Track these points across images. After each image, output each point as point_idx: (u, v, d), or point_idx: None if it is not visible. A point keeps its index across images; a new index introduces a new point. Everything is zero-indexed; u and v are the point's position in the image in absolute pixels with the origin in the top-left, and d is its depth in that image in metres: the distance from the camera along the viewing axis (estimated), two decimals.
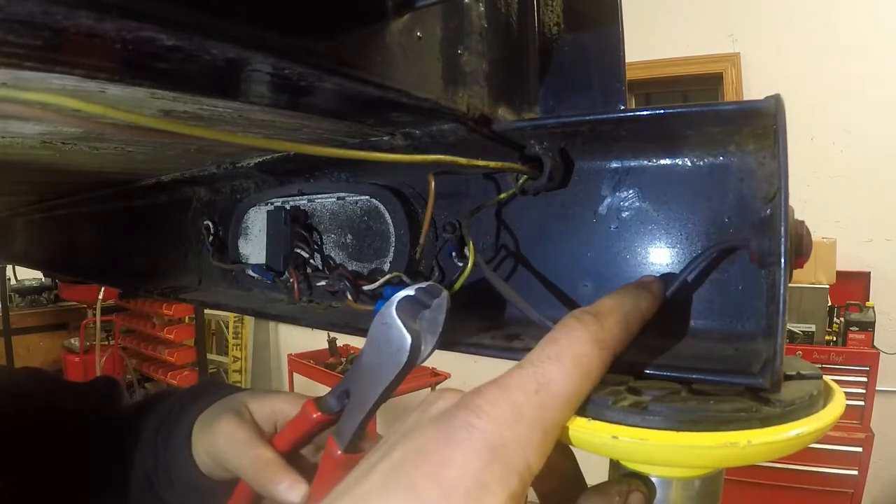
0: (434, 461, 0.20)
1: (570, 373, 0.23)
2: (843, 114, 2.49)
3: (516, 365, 0.23)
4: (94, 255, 0.98)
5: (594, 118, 0.33)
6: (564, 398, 0.23)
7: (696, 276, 0.34)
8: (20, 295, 4.25)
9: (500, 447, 0.20)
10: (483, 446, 0.20)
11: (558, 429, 0.23)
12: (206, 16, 0.19)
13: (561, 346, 0.24)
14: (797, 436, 0.27)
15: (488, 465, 0.20)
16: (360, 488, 0.20)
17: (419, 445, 0.21)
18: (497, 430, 0.21)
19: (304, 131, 0.39)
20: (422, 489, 0.19)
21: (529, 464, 0.21)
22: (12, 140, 0.39)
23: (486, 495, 0.19)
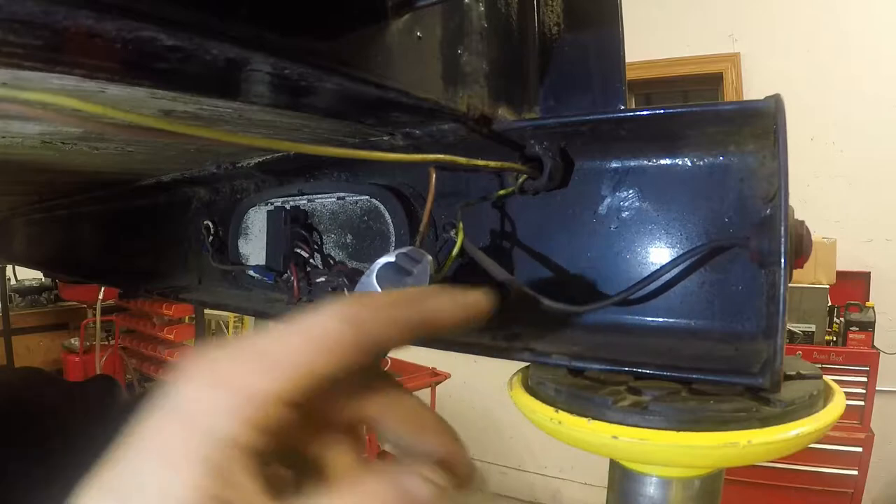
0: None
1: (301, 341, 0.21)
2: (843, 114, 2.49)
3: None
4: (94, 255, 0.98)
5: (594, 118, 0.33)
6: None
7: (696, 276, 0.34)
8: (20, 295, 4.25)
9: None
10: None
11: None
12: (206, 16, 0.19)
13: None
14: (797, 436, 0.27)
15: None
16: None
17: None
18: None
19: (304, 131, 0.39)
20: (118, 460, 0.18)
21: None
22: (13, 140, 0.39)
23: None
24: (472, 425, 3.50)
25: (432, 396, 3.19)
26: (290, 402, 0.19)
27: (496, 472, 3.47)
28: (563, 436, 0.30)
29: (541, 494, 3.34)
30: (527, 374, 0.36)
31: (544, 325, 0.39)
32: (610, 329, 0.36)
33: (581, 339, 0.36)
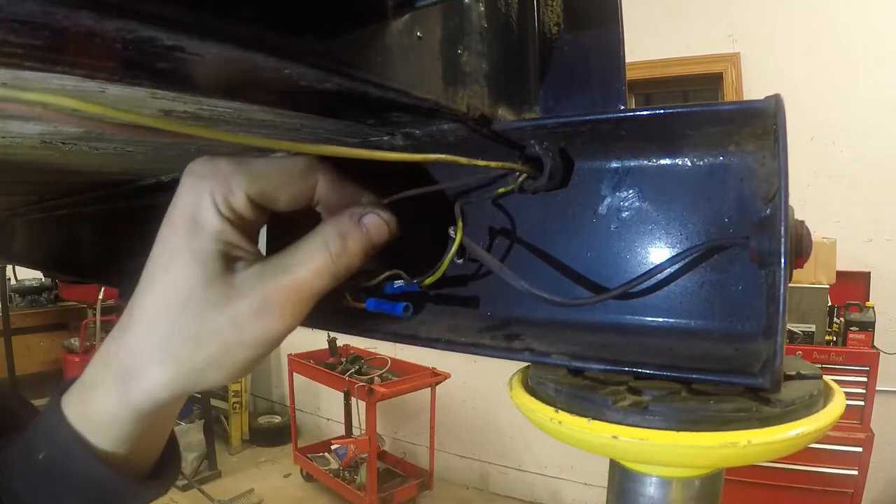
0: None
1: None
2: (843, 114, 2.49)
3: None
4: (94, 255, 0.98)
5: (594, 118, 0.33)
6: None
7: (696, 276, 0.34)
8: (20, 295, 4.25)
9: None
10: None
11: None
12: (206, 16, 0.19)
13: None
14: (797, 436, 0.27)
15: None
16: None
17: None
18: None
19: (304, 131, 0.39)
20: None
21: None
22: (12, 140, 0.39)
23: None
24: (472, 425, 3.51)
25: (432, 396, 3.19)
26: (252, 197, 0.29)
27: (496, 472, 3.48)
28: (563, 436, 0.30)
29: (541, 494, 3.34)
30: (527, 374, 0.36)
31: (544, 325, 0.39)
32: (610, 329, 0.36)
33: (581, 339, 0.36)
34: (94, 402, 0.30)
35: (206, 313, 0.28)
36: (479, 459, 3.52)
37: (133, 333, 0.29)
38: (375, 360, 3.39)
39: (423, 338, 0.41)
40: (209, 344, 0.28)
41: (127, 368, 0.29)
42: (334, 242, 0.30)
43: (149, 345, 0.29)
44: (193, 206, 0.29)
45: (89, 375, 0.31)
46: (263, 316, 0.29)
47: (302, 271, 0.29)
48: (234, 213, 0.29)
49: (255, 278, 0.29)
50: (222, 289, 0.28)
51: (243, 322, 0.28)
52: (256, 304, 0.28)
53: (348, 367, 3.32)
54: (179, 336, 0.28)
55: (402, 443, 3.73)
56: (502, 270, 0.36)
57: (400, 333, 0.42)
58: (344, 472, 3.24)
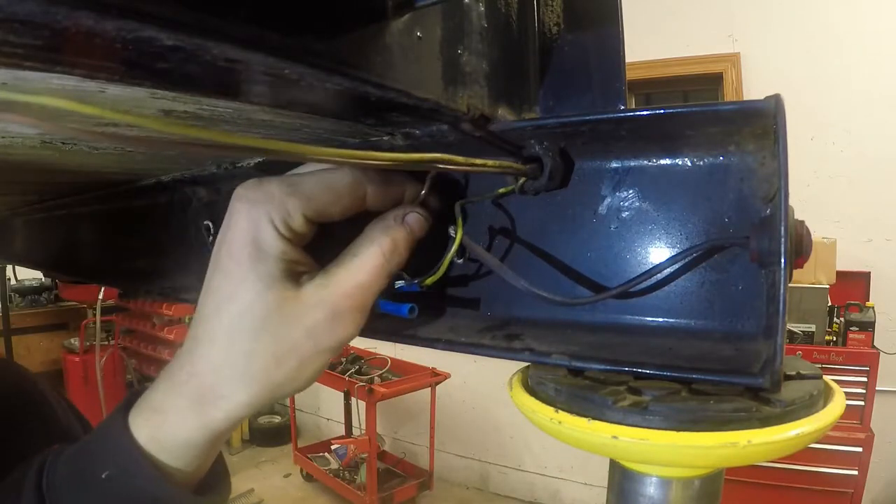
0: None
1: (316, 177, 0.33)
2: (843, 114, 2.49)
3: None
4: (94, 255, 0.98)
5: (594, 118, 0.33)
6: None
7: (696, 276, 0.34)
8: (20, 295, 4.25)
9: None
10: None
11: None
12: (206, 16, 0.19)
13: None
14: (797, 436, 0.27)
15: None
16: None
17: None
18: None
19: (304, 131, 0.39)
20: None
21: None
22: (12, 140, 0.39)
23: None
24: (472, 425, 3.51)
25: (432, 396, 3.19)
26: (309, 218, 0.31)
27: (496, 472, 3.47)
28: (563, 436, 0.30)
29: (541, 494, 3.34)
30: (527, 374, 0.36)
31: (544, 325, 0.39)
32: (610, 329, 0.36)
33: (581, 339, 0.36)
34: (167, 426, 0.31)
35: (283, 331, 0.29)
36: (479, 459, 3.52)
37: (207, 360, 0.30)
38: (375, 360, 3.39)
39: (423, 338, 0.41)
40: (289, 359, 0.30)
41: (204, 393, 0.30)
42: (386, 245, 0.33)
43: (228, 369, 0.30)
44: (253, 231, 0.30)
45: (159, 400, 0.32)
46: (336, 322, 0.31)
47: (362, 275, 0.32)
48: (293, 234, 0.31)
49: (321, 289, 0.31)
50: (294, 306, 0.30)
51: (320, 332, 0.30)
52: (329, 312, 0.30)
53: (348, 367, 3.32)
54: (259, 357, 0.29)
55: (402, 443, 3.73)
56: (502, 270, 0.36)
57: (400, 333, 0.42)
58: (344, 472, 3.24)
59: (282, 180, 0.31)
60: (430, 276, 0.39)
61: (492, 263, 0.38)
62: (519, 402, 0.34)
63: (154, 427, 0.31)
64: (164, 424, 0.31)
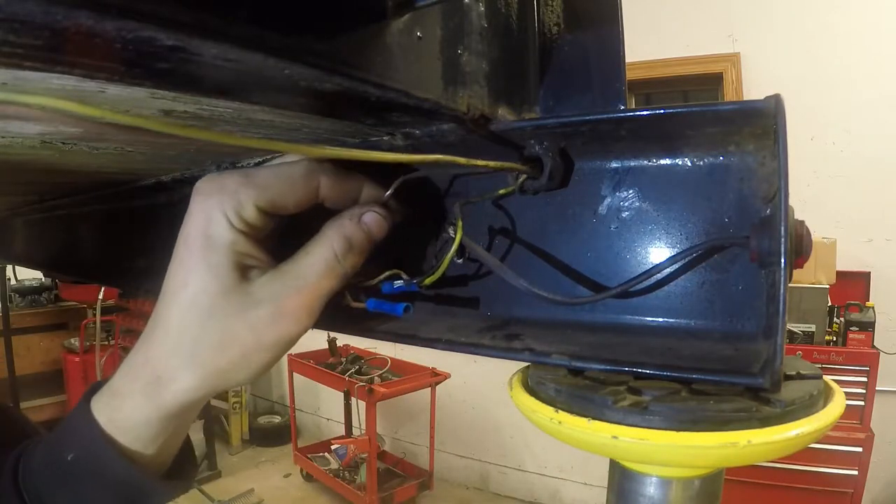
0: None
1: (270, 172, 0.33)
2: (843, 114, 2.49)
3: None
4: (94, 255, 0.98)
5: (594, 118, 0.33)
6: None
7: (696, 276, 0.34)
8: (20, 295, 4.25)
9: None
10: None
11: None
12: (206, 16, 0.19)
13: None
14: (797, 436, 0.27)
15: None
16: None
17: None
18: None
19: (304, 131, 0.39)
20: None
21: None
22: (12, 140, 0.39)
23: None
24: (472, 425, 3.51)
25: (432, 396, 3.19)
26: (261, 209, 0.31)
27: (496, 472, 3.47)
28: (563, 436, 0.30)
29: (541, 494, 3.34)
30: (527, 374, 0.36)
31: (544, 325, 0.39)
32: (610, 329, 0.36)
33: (581, 339, 0.36)
34: (124, 409, 0.33)
35: (227, 322, 0.30)
36: (479, 459, 3.52)
37: (160, 344, 0.32)
38: (375, 360, 3.39)
39: (423, 338, 0.41)
40: (231, 349, 0.31)
41: (157, 376, 0.32)
42: (339, 244, 0.33)
43: (177, 353, 0.31)
44: (206, 222, 0.31)
45: (118, 384, 0.33)
46: (279, 321, 0.31)
47: (312, 276, 0.32)
48: (245, 225, 0.31)
49: (268, 286, 0.31)
50: (240, 298, 0.30)
51: (261, 328, 0.30)
52: (272, 310, 0.31)
53: (348, 367, 3.32)
54: (205, 344, 0.31)
55: (402, 443, 3.73)
56: (502, 270, 0.36)
57: (400, 333, 0.42)
58: (344, 472, 3.24)
59: (238, 172, 0.32)
60: (430, 276, 0.39)
61: (491, 263, 0.38)
62: (519, 402, 0.34)
63: (113, 409, 0.33)
64: (122, 407, 0.33)
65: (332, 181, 0.33)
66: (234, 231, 0.31)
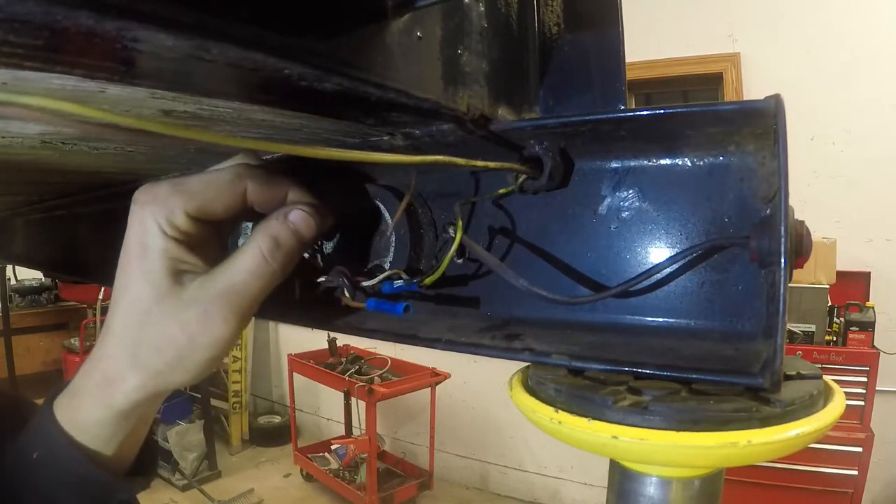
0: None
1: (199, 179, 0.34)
2: (843, 114, 2.49)
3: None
4: (94, 255, 0.98)
5: (594, 118, 0.33)
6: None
7: (696, 276, 0.34)
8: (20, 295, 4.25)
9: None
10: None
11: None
12: (206, 16, 0.19)
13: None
14: (797, 436, 0.27)
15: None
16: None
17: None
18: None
19: (304, 131, 0.39)
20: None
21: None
22: (12, 140, 0.39)
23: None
24: (472, 425, 3.51)
25: (432, 396, 3.19)
26: (190, 214, 0.32)
27: (496, 472, 3.47)
28: (563, 436, 0.30)
29: (541, 494, 3.34)
30: (527, 374, 0.36)
31: (544, 325, 0.39)
32: (610, 329, 0.36)
33: (581, 339, 0.36)
34: (82, 408, 0.34)
35: (162, 325, 0.32)
36: (479, 459, 3.52)
37: (108, 346, 0.33)
38: (375, 360, 3.38)
39: (423, 338, 0.41)
40: (168, 351, 0.32)
41: (106, 377, 0.33)
42: (265, 243, 0.34)
43: (122, 356, 0.33)
44: (140, 231, 0.33)
45: (76, 385, 0.35)
46: (209, 322, 0.32)
47: (238, 276, 0.33)
48: (177, 231, 0.32)
49: (198, 289, 0.33)
50: (172, 302, 0.32)
51: (193, 329, 0.32)
52: (201, 312, 0.32)
53: (348, 367, 3.32)
54: (144, 346, 0.32)
55: (402, 443, 3.73)
56: (502, 269, 0.36)
57: (400, 333, 0.42)
58: (344, 472, 3.24)
59: (169, 181, 0.33)
60: (430, 275, 0.39)
61: (491, 263, 0.38)
62: (519, 402, 0.34)
63: (73, 409, 0.35)
64: (79, 407, 0.34)
65: (259, 185, 0.34)
66: (167, 238, 0.32)
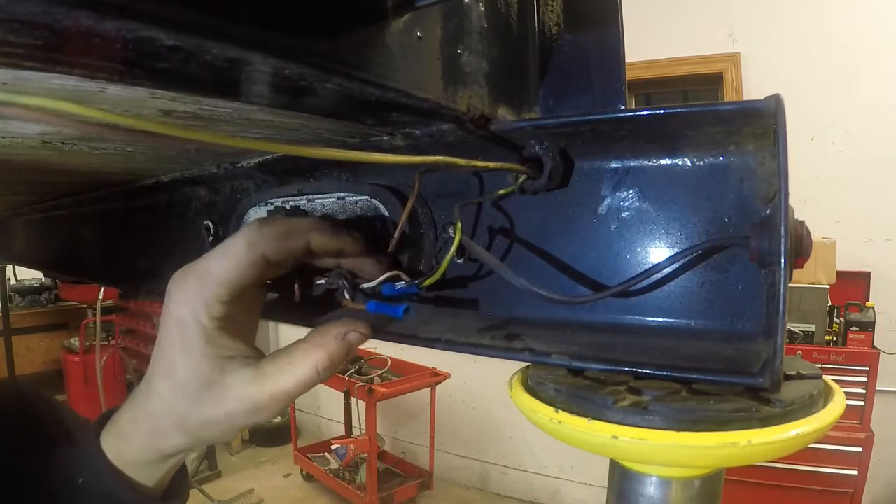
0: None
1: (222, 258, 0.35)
2: (843, 114, 2.49)
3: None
4: (94, 255, 0.98)
5: (594, 118, 0.33)
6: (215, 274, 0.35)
7: (696, 276, 0.34)
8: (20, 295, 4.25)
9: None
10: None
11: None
12: (206, 16, 0.19)
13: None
14: (797, 436, 0.27)
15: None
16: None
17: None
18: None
19: (304, 131, 0.38)
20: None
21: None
22: (12, 140, 0.39)
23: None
24: (472, 425, 3.50)
25: (432, 396, 3.19)
26: (224, 301, 0.35)
27: (496, 472, 3.47)
28: (563, 436, 0.30)
29: (541, 494, 3.34)
30: (527, 374, 0.36)
31: (544, 325, 0.39)
32: (610, 329, 0.36)
33: (581, 339, 0.36)
34: (129, 449, 0.38)
35: (209, 410, 0.35)
36: (479, 459, 3.52)
37: (157, 406, 0.37)
38: (375, 360, 3.38)
39: (423, 338, 0.41)
40: (213, 427, 0.36)
41: (154, 431, 0.37)
42: (322, 361, 0.36)
43: (168, 421, 0.36)
44: (180, 326, 0.35)
45: (123, 429, 0.39)
46: (253, 414, 0.35)
47: (291, 385, 0.35)
48: (215, 321, 0.35)
49: (247, 385, 0.35)
50: (219, 391, 0.34)
51: (237, 417, 0.35)
52: (249, 406, 0.35)
53: (348, 366, 3.32)
54: (190, 421, 0.36)
55: (402, 443, 3.73)
56: (501, 268, 0.36)
57: (400, 333, 0.42)
58: (344, 472, 3.24)
59: (195, 273, 0.35)
60: (430, 276, 0.39)
61: (491, 262, 0.38)
62: (519, 402, 0.34)
63: (119, 448, 0.39)
64: (126, 447, 0.38)
65: (276, 245, 0.36)
66: (208, 331, 0.35)
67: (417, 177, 0.37)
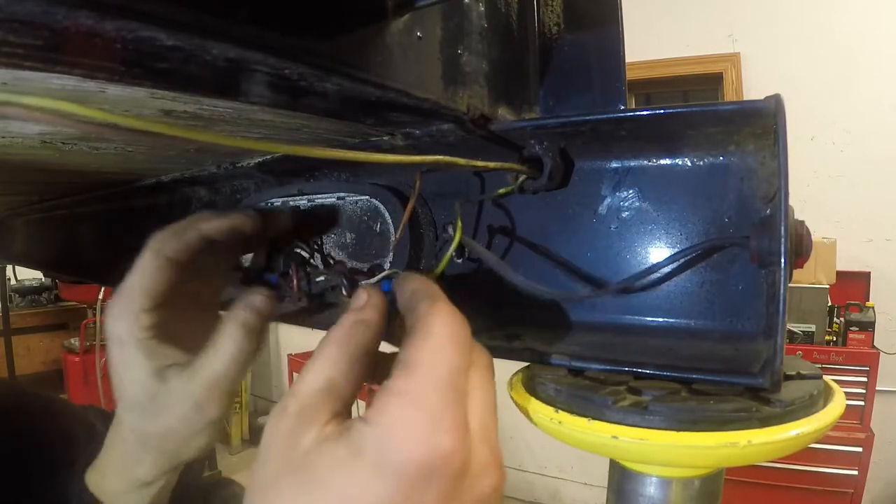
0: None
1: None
2: (843, 114, 2.49)
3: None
4: (94, 255, 0.98)
5: (594, 118, 0.33)
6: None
7: (696, 276, 0.34)
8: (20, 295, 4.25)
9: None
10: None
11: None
12: (206, 16, 0.19)
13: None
14: (797, 436, 0.27)
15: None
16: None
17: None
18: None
19: (304, 131, 0.39)
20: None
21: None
22: (12, 140, 0.39)
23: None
24: None
25: None
26: (148, 309, 0.36)
27: None
28: (563, 436, 0.30)
29: (541, 494, 3.34)
30: (527, 374, 0.36)
31: (544, 325, 0.39)
32: (610, 329, 0.36)
33: (581, 339, 0.36)
34: (108, 484, 0.40)
35: (160, 419, 0.36)
36: None
37: (121, 432, 0.38)
38: None
39: None
40: (172, 438, 0.37)
41: (124, 460, 0.39)
42: (238, 335, 0.36)
43: (133, 443, 0.38)
44: (119, 347, 0.36)
45: (101, 462, 0.40)
46: (203, 409, 0.36)
47: (217, 366, 0.36)
48: (148, 331, 0.36)
49: (184, 384, 0.36)
50: (164, 398, 0.35)
51: (190, 418, 0.35)
52: (193, 403, 0.35)
53: None
54: (150, 437, 0.37)
55: None
56: (500, 266, 0.36)
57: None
58: None
59: (116, 294, 0.37)
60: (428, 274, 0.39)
61: (490, 259, 0.38)
62: (519, 402, 0.34)
63: (97, 482, 0.40)
64: (102, 480, 0.40)
65: (176, 244, 0.38)
66: (144, 342, 0.36)
67: (418, 176, 0.37)
